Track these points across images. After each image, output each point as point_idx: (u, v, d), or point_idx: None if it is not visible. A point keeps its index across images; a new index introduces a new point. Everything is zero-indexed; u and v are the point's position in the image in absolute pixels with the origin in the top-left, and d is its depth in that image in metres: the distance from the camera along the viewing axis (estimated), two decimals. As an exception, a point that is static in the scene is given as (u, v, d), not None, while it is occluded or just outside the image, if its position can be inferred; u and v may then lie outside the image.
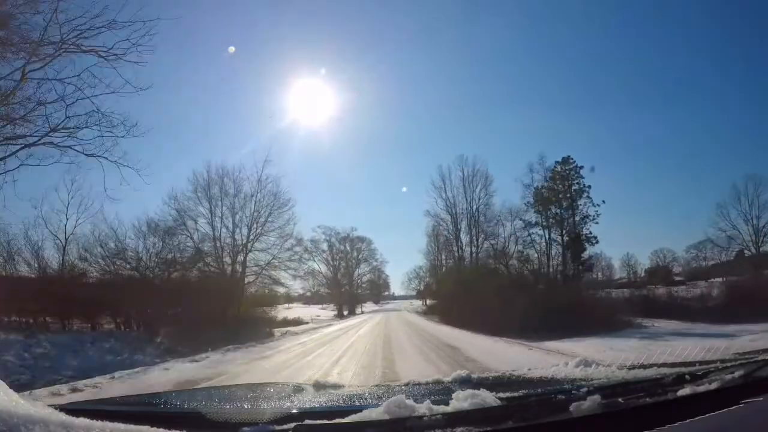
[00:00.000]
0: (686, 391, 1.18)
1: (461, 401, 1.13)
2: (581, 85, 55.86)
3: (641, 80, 50.90)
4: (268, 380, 7.27)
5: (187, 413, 1.39)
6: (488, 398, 1.14)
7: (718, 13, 43.66)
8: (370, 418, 1.05)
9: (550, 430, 1.06)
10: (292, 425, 1.03)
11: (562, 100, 52.08)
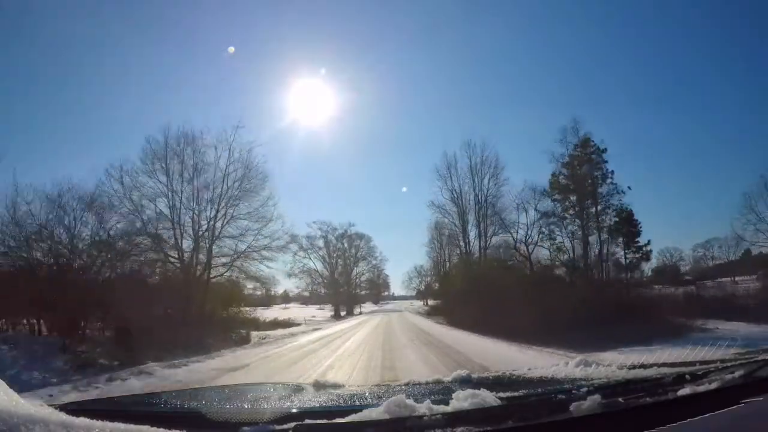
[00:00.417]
0: (686, 390, 1.18)
1: (461, 401, 1.13)
2: (581, 85, 55.97)
3: (641, 80, 51.14)
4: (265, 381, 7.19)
5: (187, 413, 1.39)
6: (488, 398, 1.14)
7: (718, 13, 43.77)
8: (370, 417, 1.05)
9: (550, 429, 1.06)
10: (292, 425, 1.03)
11: (562, 100, 52.08)
